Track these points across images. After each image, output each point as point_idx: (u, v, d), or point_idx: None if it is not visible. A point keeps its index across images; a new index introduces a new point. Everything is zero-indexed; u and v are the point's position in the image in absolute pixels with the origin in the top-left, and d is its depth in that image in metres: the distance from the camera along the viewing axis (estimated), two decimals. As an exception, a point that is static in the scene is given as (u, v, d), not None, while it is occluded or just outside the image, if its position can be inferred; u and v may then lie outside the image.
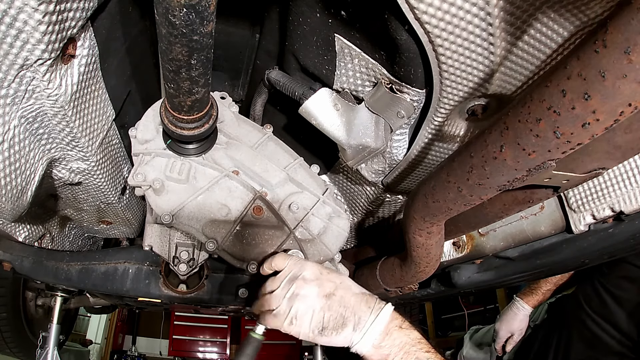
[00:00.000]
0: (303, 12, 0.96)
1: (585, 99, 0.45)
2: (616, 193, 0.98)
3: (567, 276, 1.92)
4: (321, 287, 0.91)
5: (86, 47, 0.85)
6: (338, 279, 0.94)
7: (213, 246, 1.08)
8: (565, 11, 0.67)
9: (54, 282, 1.44)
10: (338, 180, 1.52)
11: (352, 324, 0.87)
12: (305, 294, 0.89)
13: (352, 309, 0.88)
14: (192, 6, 0.58)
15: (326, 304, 0.88)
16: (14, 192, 0.88)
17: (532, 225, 1.22)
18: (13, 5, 0.62)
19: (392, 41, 0.80)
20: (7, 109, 0.76)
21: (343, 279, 0.94)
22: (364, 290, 0.94)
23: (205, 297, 1.46)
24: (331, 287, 0.91)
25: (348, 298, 0.90)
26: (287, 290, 0.91)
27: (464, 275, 1.48)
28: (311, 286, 0.90)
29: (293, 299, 0.89)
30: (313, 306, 0.88)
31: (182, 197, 1.09)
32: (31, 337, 2.05)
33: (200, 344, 6.04)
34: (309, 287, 0.90)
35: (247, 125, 1.27)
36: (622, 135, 0.67)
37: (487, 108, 0.90)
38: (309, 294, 0.89)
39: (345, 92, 1.03)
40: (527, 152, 0.57)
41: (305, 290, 0.90)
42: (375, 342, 0.85)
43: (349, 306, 0.89)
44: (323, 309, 0.88)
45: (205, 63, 0.73)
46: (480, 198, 0.75)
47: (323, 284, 0.91)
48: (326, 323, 0.87)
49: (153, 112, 1.14)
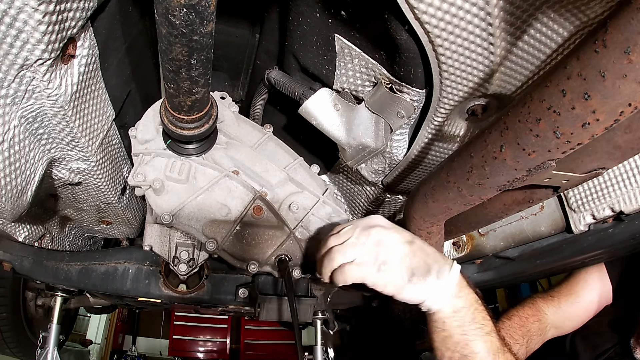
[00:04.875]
0: (303, 12, 0.96)
1: (585, 99, 0.45)
2: (616, 193, 0.98)
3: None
4: (401, 234, 0.87)
5: (86, 47, 0.85)
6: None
7: (213, 246, 1.08)
8: (565, 11, 0.67)
9: (54, 282, 1.44)
10: (338, 180, 1.52)
11: (435, 272, 0.83)
12: (389, 241, 0.84)
13: (432, 256, 0.85)
14: (192, 6, 0.58)
15: (410, 250, 0.84)
16: (14, 192, 0.88)
17: (532, 225, 1.22)
18: (13, 5, 0.62)
19: (392, 41, 0.80)
20: (7, 109, 0.76)
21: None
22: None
23: (205, 297, 1.46)
24: (409, 235, 0.87)
25: (426, 246, 0.87)
26: (367, 237, 0.85)
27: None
28: (391, 232, 0.86)
29: (377, 246, 0.84)
30: (399, 252, 0.83)
31: (182, 197, 1.09)
32: (31, 337, 2.04)
33: (200, 344, 6.04)
34: (390, 233, 0.86)
35: (247, 125, 1.27)
36: (622, 135, 0.67)
37: (487, 108, 0.90)
38: (392, 240, 0.85)
39: (345, 92, 1.03)
40: (527, 152, 0.57)
41: (387, 236, 0.85)
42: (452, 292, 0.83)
43: (429, 253, 0.85)
44: (408, 254, 0.83)
45: (205, 63, 0.73)
46: (480, 198, 0.75)
47: (401, 231, 0.87)
48: (414, 269, 0.83)
49: (153, 112, 1.14)
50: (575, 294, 1.54)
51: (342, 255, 0.84)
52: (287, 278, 1.07)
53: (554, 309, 1.53)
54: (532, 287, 3.82)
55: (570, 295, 1.55)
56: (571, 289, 1.56)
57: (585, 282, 1.54)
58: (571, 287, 1.56)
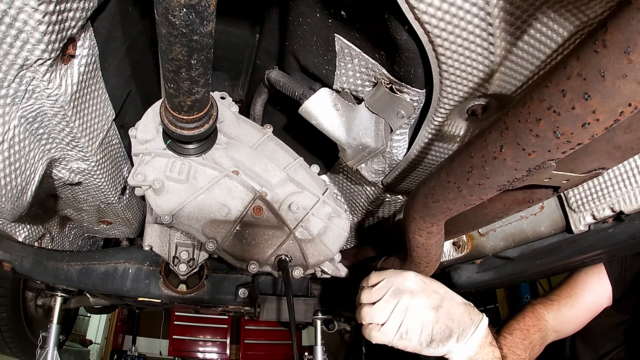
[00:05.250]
0: (303, 12, 0.96)
1: (585, 99, 0.45)
2: (616, 193, 0.98)
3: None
4: (429, 299, 0.89)
5: (86, 47, 0.85)
6: (442, 288, 0.93)
7: (213, 246, 1.08)
8: (565, 11, 0.67)
9: (54, 282, 1.44)
10: (338, 180, 1.52)
11: (456, 336, 0.87)
12: (416, 308, 0.88)
13: (457, 320, 0.88)
14: (192, 6, 0.58)
15: (435, 317, 0.88)
16: (14, 192, 0.88)
17: (532, 225, 1.22)
18: (13, 5, 0.62)
19: (392, 41, 0.80)
20: (7, 109, 0.76)
21: (445, 288, 0.93)
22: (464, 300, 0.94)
23: (205, 297, 1.46)
24: (438, 299, 0.90)
25: (454, 309, 0.90)
26: (395, 303, 0.88)
27: (464, 275, 1.48)
28: (420, 298, 0.89)
29: (403, 313, 0.87)
30: (423, 320, 0.87)
31: (182, 197, 1.09)
32: (31, 337, 2.04)
33: (200, 344, 6.03)
34: (418, 299, 0.89)
35: (247, 125, 1.27)
36: (622, 135, 0.67)
37: (487, 108, 0.90)
38: (419, 307, 0.88)
39: (345, 92, 1.03)
40: (527, 152, 0.56)
41: (414, 304, 0.88)
42: (470, 354, 0.87)
43: (455, 317, 0.89)
44: (432, 322, 0.87)
45: (205, 63, 0.73)
46: (480, 198, 0.75)
47: (430, 295, 0.90)
48: (434, 336, 0.87)
49: (153, 112, 1.14)
50: (575, 296, 1.54)
51: (370, 317, 0.91)
52: (287, 278, 1.07)
53: (554, 314, 1.53)
54: (532, 287, 3.82)
55: (569, 298, 1.54)
56: (570, 292, 1.56)
57: (585, 284, 1.54)
58: (570, 289, 1.56)
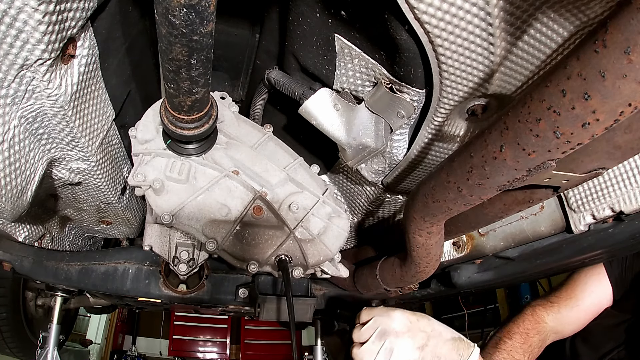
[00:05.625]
0: (303, 12, 0.96)
1: (585, 99, 0.45)
2: (616, 193, 0.98)
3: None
4: (414, 339, 0.91)
5: (86, 47, 0.85)
6: (428, 326, 0.94)
7: (213, 246, 1.08)
8: (565, 11, 0.67)
9: (54, 282, 1.44)
10: (338, 180, 1.52)
11: None
12: (399, 349, 0.90)
13: (444, 358, 0.90)
14: (192, 6, 0.58)
15: (420, 356, 0.89)
16: (14, 192, 0.88)
17: (532, 225, 1.22)
18: (13, 5, 0.62)
19: (392, 41, 0.80)
20: (7, 109, 0.76)
21: (432, 325, 0.95)
22: (453, 334, 0.95)
23: (205, 297, 1.46)
24: (424, 338, 0.92)
25: (440, 347, 0.91)
26: (380, 345, 0.91)
27: (464, 275, 1.48)
28: (404, 339, 0.91)
29: (388, 355, 0.90)
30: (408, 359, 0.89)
31: (182, 197, 1.09)
32: (31, 337, 2.04)
33: (200, 344, 6.04)
34: (402, 340, 0.91)
35: (247, 125, 1.27)
36: (622, 135, 0.67)
37: (487, 108, 0.90)
38: (402, 348, 0.90)
39: (345, 92, 1.03)
40: (527, 152, 0.56)
41: (398, 345, 0.90)
42: None
43: (441, 355, 0.90)
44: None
45: (205, 63, 0.73)
46: (480, 198, 0.75)
47: (415, 335, 0.92)
48: None
49: (153, 112, 1.14)
50: (575, 297, 1.54)
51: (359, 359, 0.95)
52: (287, 278, 1.07)
53: (554, 315, 1.53)
54: (532, 287, 3.81)
55: (569, 299, 1.54)
56: (570, 293, 1.56)
57: (585, 285, 1.54)
58: (570, 290, 1.56)
